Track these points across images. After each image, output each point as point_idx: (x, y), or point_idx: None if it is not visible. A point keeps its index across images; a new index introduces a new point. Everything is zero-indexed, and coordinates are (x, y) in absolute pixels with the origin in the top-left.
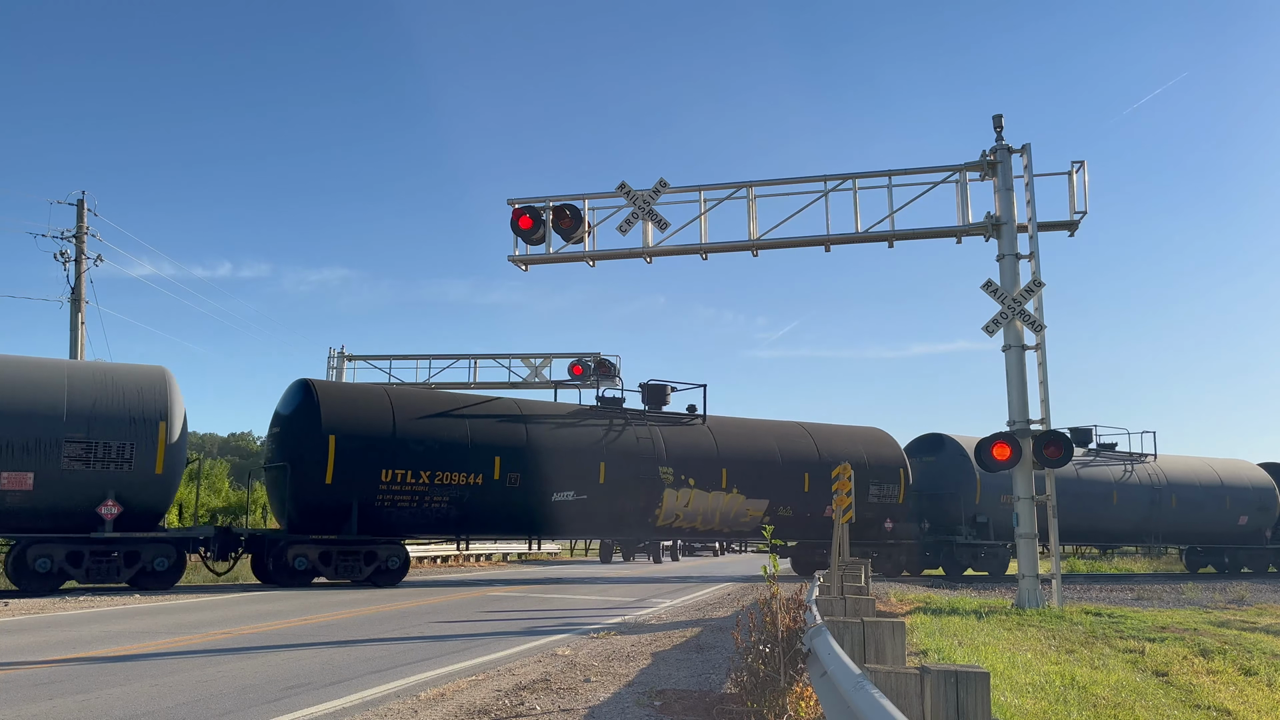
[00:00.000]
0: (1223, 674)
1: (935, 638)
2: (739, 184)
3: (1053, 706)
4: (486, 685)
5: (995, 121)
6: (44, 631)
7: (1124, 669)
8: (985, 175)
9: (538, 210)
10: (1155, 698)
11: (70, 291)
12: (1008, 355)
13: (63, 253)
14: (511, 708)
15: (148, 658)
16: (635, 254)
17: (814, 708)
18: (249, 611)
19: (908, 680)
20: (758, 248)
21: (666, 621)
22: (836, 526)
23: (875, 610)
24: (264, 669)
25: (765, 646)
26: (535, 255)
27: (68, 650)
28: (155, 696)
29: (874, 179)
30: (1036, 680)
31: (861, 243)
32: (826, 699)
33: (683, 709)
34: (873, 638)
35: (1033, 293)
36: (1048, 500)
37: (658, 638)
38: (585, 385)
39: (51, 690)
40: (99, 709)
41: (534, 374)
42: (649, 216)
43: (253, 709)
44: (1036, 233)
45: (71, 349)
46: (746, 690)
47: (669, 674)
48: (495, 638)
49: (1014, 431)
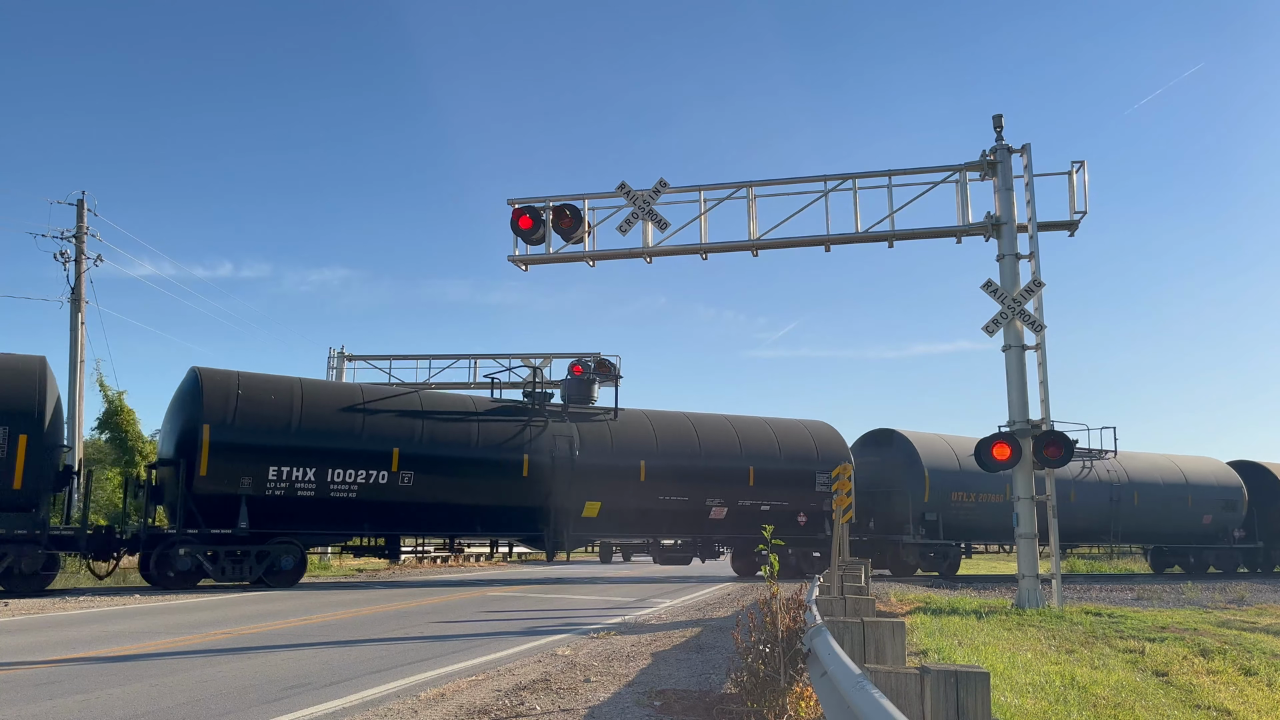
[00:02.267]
0: (1223, 674)
1: (935, 638)
2: (739, 184)
3: (1053, 706)
4: (486, 685)
5: (995, 121)
6: (43, 632)
7: (1124, 669)
8: (985, 175)
9: (538, 210)
10: (1155, 698)
11: (70, 291)
12: (1008, 355)
13: (63, 253)
14: (511, 708)
15: (147, 658)
16: (635, 254)
17: (814, 708)
18: (248, 611)
19: (908, 680)
20: (758, 248)
21: (666, 621)
22: (836, 526)
23: (875, 610)
24: (264, 669)
25: (765, 646)
26: (535, 255)
27: (67, 650)
28: (155, 696)
29: (874, 179)
30: (1036, 680)
31: (861, 243)
32: (826, 699)
33: (683, 709)
34: (873, 638)
35: (1033, 293)
36: (1048, 500)
37: (658, 638)
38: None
39: (51, 690)
40: (99, 709)
41: (534, 374)
42: (649, 216)
43: (253, 709)
44: (1036, 233)
45: (71, 349)
46: (746, 690)
47: (669, 674)
48: (495, 638)
49: (1014, 431)
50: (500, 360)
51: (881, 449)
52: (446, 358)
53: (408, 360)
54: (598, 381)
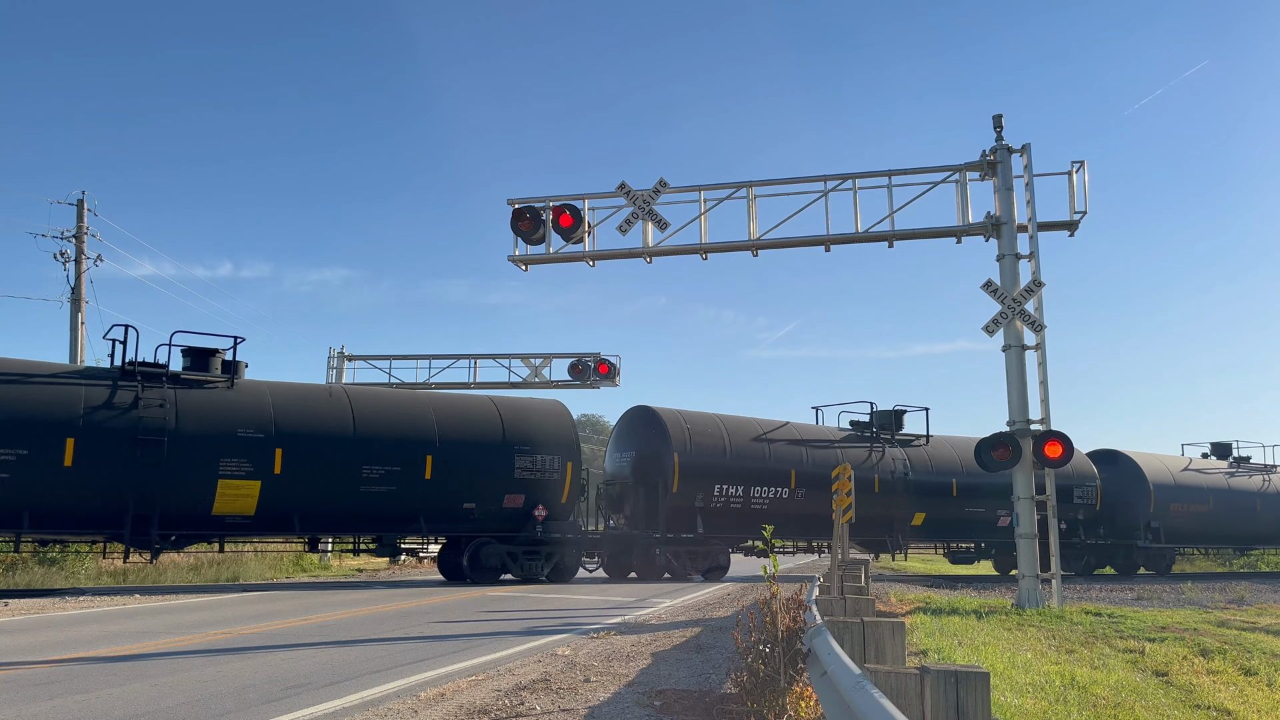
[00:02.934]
0: (1223, 674)
1: (935, 638)
2: (739, 184)
3: (1053, 706)
4: (486, 685)
5: (995, 121)
6: (43, 631)
7: (1124, 669)
8: (985, 175)
9: (538, 210)
10: (1155, 698)
11: (70, 291)
12: (1008, 355)
13: (63, 253)
14: (511, 708)
15: (147, 658)
16: (635, 254)
17: (814, 708)
18: (248, 611)
19: (908, 680)
20: (758, 248)
21: (666, 621)
22: (836, 526)
23: (875, 610)
24: (264, 669)
25: (765, 646)
26: (535, 255)
27: (67, 650)
28: (155, 696)
29: (874, 179)
30: (1036, 680)
31: (861, 243)
32: (826, 699)
33: (683, 709)
34: (873, 638)
35: (1033, 293)
36: (1048, 500)
37: (658, 638)
38: (585, 385)
39: (51, 690)
40: (99, 709)
41: (534, 374)
42: (649, 216)
43: (253, 709)
44: (1036, 233)
45: (71, 349)
46: (746, 690)
47: (669, 674)
48: (495, 637)
49: (1014, 431)
50: (500, 360)
51: (1108, 466)
52: (446, 357)
53: (408, 360)
54: (906, 412)
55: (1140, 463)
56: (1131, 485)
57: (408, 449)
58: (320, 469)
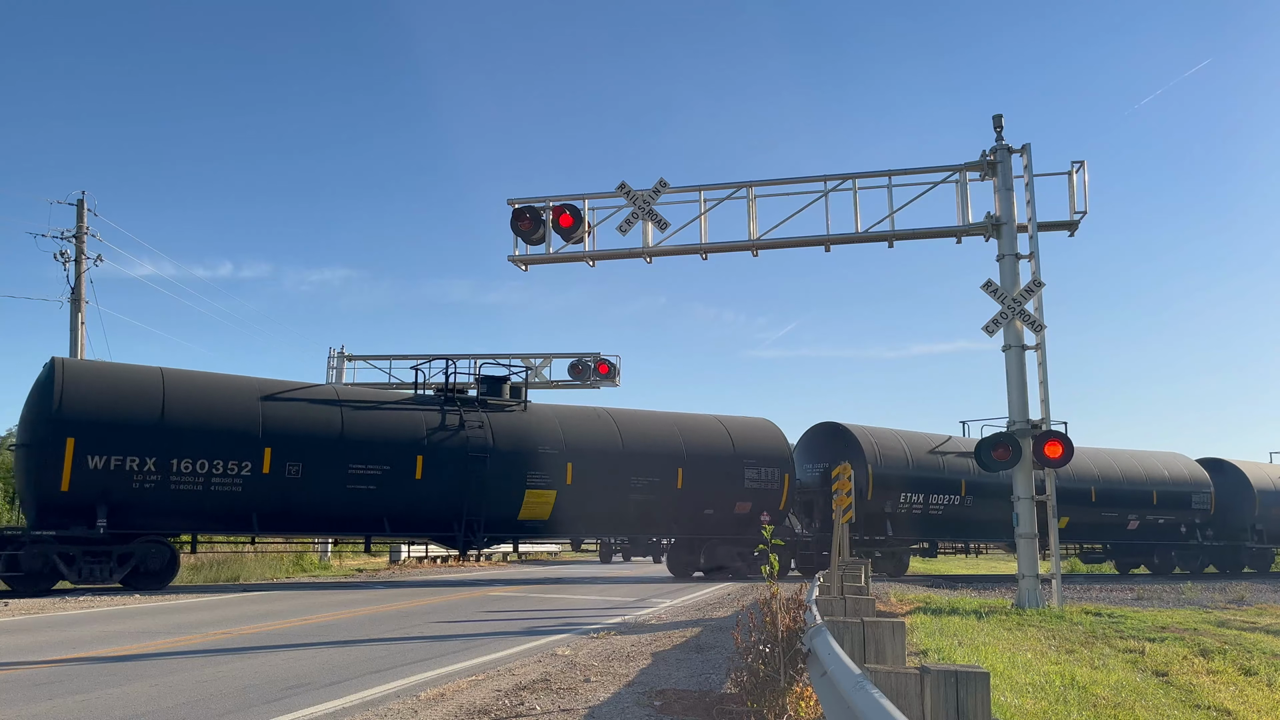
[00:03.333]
0: (1223, 674)
1: (935, 638)
2: (739, 184)
3: (1053, 706)
4: (486, 685)
5: (995, 121)
6: (42, 632)
7: (1124, 669)
8: (985, 175)
9: (538, 210)
10: (1155, 698)
11: (70, 291)
12: (1008, 355)
13: (63, 253)
14: (511, 708)
15: (147, 658)
16: (635, 254)
17: (814, 708)
18: (248, 611)
19: (908, 680)
20: (758, 248)
21: (666, 621)
22: (837, 526)
23: (875, 610)
24: (264, 669)
25: (765, 646)
26: (535, 255)
27: (66, 650)
28: (155, 697)
29: (874, 179)
30: (1036, 680)
31: (861, 243)
32: (826, 699)
33: (683, 709)
34: (873, 638)
35: (1033, 293)
36: (1048, 500)
37: (658, 638)
38: (585, 385)
39: (51, 690)
40: (99, 709)
41: (534, 374)
42: (649, 216)
43: (253, 709)
44: (1036, 233)
45: (71, 349)
46: (746, 690)
47: (669, 674)
48: (495, 638)
49: (1014, 431)
50: (500, 360)
51: (1216, 474)
52: (446, 358)
53: (407, 360)
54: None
55: (1245, 470)
56: (1238, 491)
57: (664, 462)
58: (599, 479)
